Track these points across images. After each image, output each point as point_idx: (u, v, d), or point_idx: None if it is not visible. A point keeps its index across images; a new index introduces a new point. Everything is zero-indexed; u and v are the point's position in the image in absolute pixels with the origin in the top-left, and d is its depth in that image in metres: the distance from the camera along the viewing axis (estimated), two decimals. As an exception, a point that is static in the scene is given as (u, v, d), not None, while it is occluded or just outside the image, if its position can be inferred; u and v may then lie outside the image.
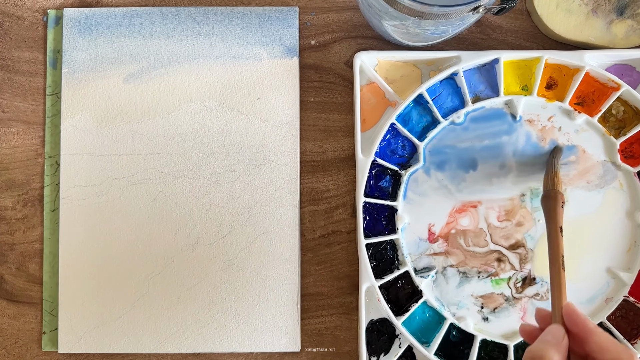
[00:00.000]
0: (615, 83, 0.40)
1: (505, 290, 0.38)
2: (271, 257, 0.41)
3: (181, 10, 0.45)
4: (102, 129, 0.43)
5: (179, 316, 0.41)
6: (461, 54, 0.41)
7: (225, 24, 0.44)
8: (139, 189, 0.42)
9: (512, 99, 0.41)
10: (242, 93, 0.43)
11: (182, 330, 0.41)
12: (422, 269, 0.38)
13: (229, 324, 0.41)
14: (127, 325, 0.41)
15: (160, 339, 0.41)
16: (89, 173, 0.42)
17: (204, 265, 0.42)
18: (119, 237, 0.42)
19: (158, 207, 0.42)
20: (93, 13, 0.44)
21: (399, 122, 0.40)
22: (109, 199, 0.42)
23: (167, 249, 0.42)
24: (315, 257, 0.40)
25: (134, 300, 0.41)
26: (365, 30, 0.46)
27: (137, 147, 0.43)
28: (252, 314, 0.41)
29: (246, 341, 0.41)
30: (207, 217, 0.42)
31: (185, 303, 0.41)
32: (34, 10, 0.46)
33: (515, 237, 0.39)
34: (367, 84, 0.42)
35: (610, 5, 0.43)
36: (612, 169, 0.40)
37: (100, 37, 0.44)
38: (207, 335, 0.41)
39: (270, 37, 0.44)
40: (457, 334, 0.37)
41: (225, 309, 0.41)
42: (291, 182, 0.42)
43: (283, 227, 0.41)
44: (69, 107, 0.43)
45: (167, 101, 0.43)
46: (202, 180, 0.42)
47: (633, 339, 0.36)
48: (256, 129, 0.43)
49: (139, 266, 0.42)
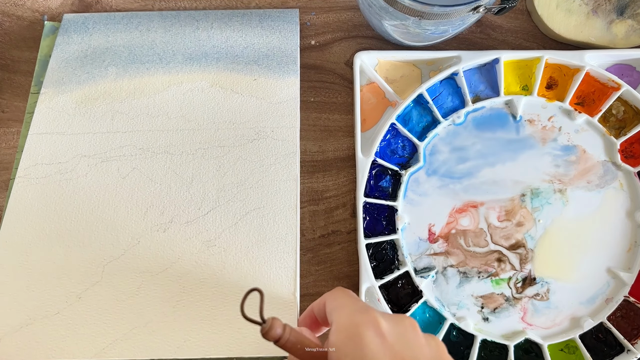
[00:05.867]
0: (616, 83, 0.40)
1: (506, 290, 0.38)
2: (262, 237, 0.35)
3: (181, 13, 0.45)
4: (80, 109, 0.40)
5: (138, 310, 0.33)
6: (461, 54, 0.41)
7: (225, 20, 0.44)
8: (110, 166, 0.37)
9: (513, 99, 0.41)
10: (237, 74, 0.41)
11: (139, 329, 0.32)
12: (422, 269, 0.38)
13: (204, 321, 0.32)
14: (66, 323, 0.32)
15: (106, 341, 0.32)
16: (55, 151, 0.38)
17: (176, 246, 0.35)
18: (75, 218, 0.36)
19: (129, 184, 0.37)
20: (92, 16, 0.45)
21: (399, 122, 0.40)
22: (73, 177, 0.37)
23: (133, 230, 0.35)
24: (315, 257, 0.39)
25: (80, 291, 0.33)
26: (365, 30, 0.46)
27: (116, 126, 0.39)
28: (236, 307, 0.33)
29: (227, 343, 0.32)
30: (187, 194, 0.36)
31: (147, 294, 0.33)
32: (34, 10, 0.46)
33: (516, 237, 0.39)
34: (367, 83, 0.42)
35: (610, 5, 0.43)
36: (613, 169, 0.40)
37: (95, 34, 0.44)
38: (173, 335, 0.32)
39: (269, 29, 0.44)
40: (457, 334, 0.37)
41: (199, 301, 0.33)
42: (289, 156, 0.38)
43: (279, 202, 0.36)
44: (49, 92, 0.41)
45: (155, 83, 0.41)
46: (185, 156, 0.38)
47: (633, 339, 0.36)
48: (251, 106, 0.40)
49: (94, 250, 0.35)
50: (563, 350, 0.37)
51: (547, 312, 0.37)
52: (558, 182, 0.40)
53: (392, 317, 0.26)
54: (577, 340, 0.36)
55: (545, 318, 0.37)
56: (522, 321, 0.37)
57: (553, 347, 0.37)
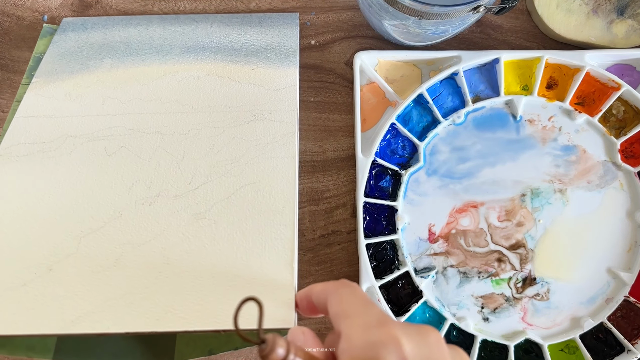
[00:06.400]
0: (616, 83, 0.40)
1: (506, 290, 0.38)
2: (257, 210, 0.33)
3: (180, 15, 0.45)
4: (70, 96, 0.39)
5: (114, 283, 0.30)
6: (461, 54, 0.41)
7: (225, 21, 0.44)
8: (97, 145, 0.35)
9: (513, 99, 0.41)
10: (235, 65, 0.40)
11: (114, 301, 0.29)
12: (422, 269, 0.38)
13: (189, 293, 0.30)
14: (32, 295, 0.29)
15: (76, 313, 0.28)
16: (40, 132, 0.36)
17: (162, 219, 0.32)
18: (54, 192, 0.33)
19: (115, 161, 0.35)
20: (91, 19, 0.45)
21: (399, 122, 0.40)
22: (56, 155, 0.35)
23: (116, 203, 0.33)
24: (315, 257, 0.39)
25: (51, 263, 0.30)
26: (365, 30, 0.46)
27: (106, 109, 0.38)
28: (225, 281, 0.30)
29: (213, 316, 0.29)
30: (177, 170, 0.34)
31: (126, 265, 0.30)
32: (34, 10, 0.46)
33: (516, 237, 0.39)
34: (367, 83, 0.42)
35: (610, 5, 0.43)
36: (613, 169, 0.40)
37: (94, 32, 0.44)
38: (153, 308, 0.29)
39: (269, 28, 0.43)
40: (457, 334, 0.37)
41: (184, 272, 0.30)
42: (287, 136, 0.36)
43: (276, 177, 0.34)
44: (40, 81, 0.40)
45: (150, 72, 0.40)
46: (177, 136, 0.36)
47: (633, 339, 0.36)
48: (249, 92, 0.38)
49: (71, 222, 0.32)
50: (563, 351, 0.37)
51: (548, 312, 0.37)
52: (558, 182, 0.40)
53: (414, 333, 0.22)
54: (578, 340, 0.36)
55: (545, 318, 0.37)
56: (522, 321, 0.37)
57: (553, 347, 0.37)
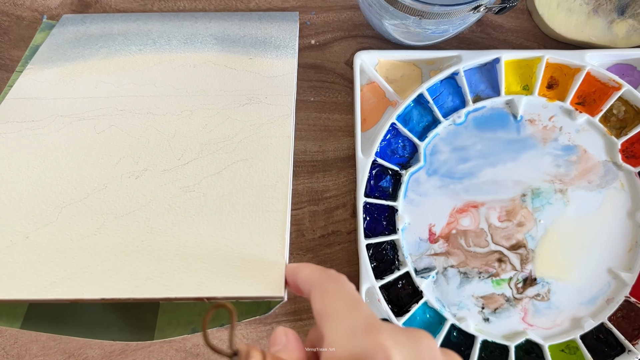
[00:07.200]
0: (617, 83, 0.40)
1: (506, 290, 0.38)
2: (249, 184, 0.32)
3: (180, 13, 0.45)
4: (64, 80, 0.39)
5: (93, 250, 0.29)
6: (462, 54, 0.41)
7: (224, 18, 0.44)
8: (86, 124, 0.35)
9: (513, 99, 0.40)
10: (233, 55, 0.40)
11: (92, 268, 0.28)
12: (422, 270, 0.38)
13: (172, 260, 0.29)
14: (4, 262, 0.29)
15: (49, 279, 0.28)
16: (30, 112, 0.36)
17: (148, 191, 0.32)
18: (38, 166, 0.33)
19: (103, 138, 0.34)
20: (91, 15, 0.45)
21: (399, 121, 0.40)
22: (44, 132, 0.35)
23: (101, 176, 0.33)
24: (315, 257, 0.39)
25: (28, 231, 0.30)
26: (365, 29, 0.46)
27: (99, 92, 0.38)
28: (211, 249, 0.29)
29: (197, 283, 0.28)
30: (168, 147, 0.34)
31: (107, 234, 0.30)
32: (33, 10, 0.46)
33: (516, 237, 0.39)
34: (367, 83, 0.42)
35: (611, 4, 0.43)
36: (613, 169, 0.40)
37: (92, 26, 0.43)
38: (133, 274, 0.28)
39: (268, 23, 0.43)
40: (457, 334, 0.37)
41: (168, 242, 0.29)
42: (283, 118, 0.36)
43: (270, 154, 0.33)
44: (34, 68, 0.40)
45: (146, 60, 0.40)
46: (169, 117, 0.36)
47: (634, 340, 0.36)
48: (245, 79, 0.38)
49: (53, 193, 0.32)
50: (564, 351, 0.37)
51: (548, 312, 0.37)
52: (559, 182, 0.40)
53: (404, 340, 0.20)
54: (578, 340, 0.36)
55: (546, 318, 0.37)
56: (523, 322, 0.37)
57: (554, 347, 0.37)
